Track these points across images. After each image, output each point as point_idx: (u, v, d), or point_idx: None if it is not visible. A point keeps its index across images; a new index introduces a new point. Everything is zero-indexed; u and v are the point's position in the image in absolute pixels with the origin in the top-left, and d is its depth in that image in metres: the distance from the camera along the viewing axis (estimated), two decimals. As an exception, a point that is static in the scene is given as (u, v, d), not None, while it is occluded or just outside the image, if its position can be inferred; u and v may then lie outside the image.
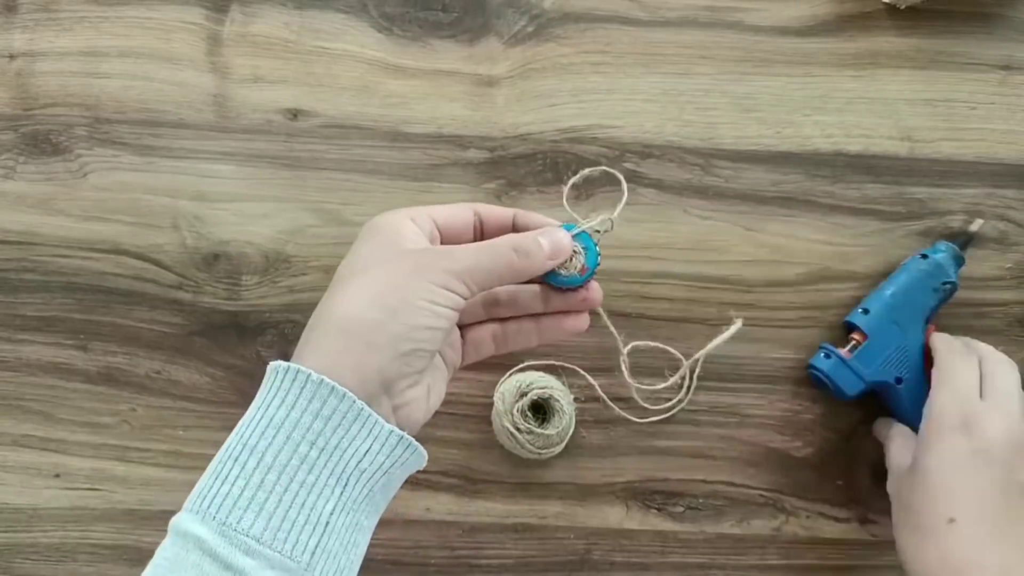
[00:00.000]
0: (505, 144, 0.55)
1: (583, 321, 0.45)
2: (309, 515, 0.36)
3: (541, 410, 0.52)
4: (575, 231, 0.43)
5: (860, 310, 0.52)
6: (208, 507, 0.35)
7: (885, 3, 0.55)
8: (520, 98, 0.55)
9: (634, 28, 0.55)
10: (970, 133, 0.55)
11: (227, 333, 0.54)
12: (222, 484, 0.36)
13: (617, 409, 0.53)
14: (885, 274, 0.54)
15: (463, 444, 0.54)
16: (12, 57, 0.55)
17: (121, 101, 0.55)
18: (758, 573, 0.53)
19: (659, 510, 0.54)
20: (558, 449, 0.52)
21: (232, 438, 0.37)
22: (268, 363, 0.39)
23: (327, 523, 0.36)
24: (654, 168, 0.54)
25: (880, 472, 0.53)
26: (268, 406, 0.37)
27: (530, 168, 0.55)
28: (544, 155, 0.55)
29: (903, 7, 0.55)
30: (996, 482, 0.45)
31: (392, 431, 0.38)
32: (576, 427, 0.53)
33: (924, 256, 0.52)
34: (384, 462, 0.38)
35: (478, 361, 0.46)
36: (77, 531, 0.53)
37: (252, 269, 0.54)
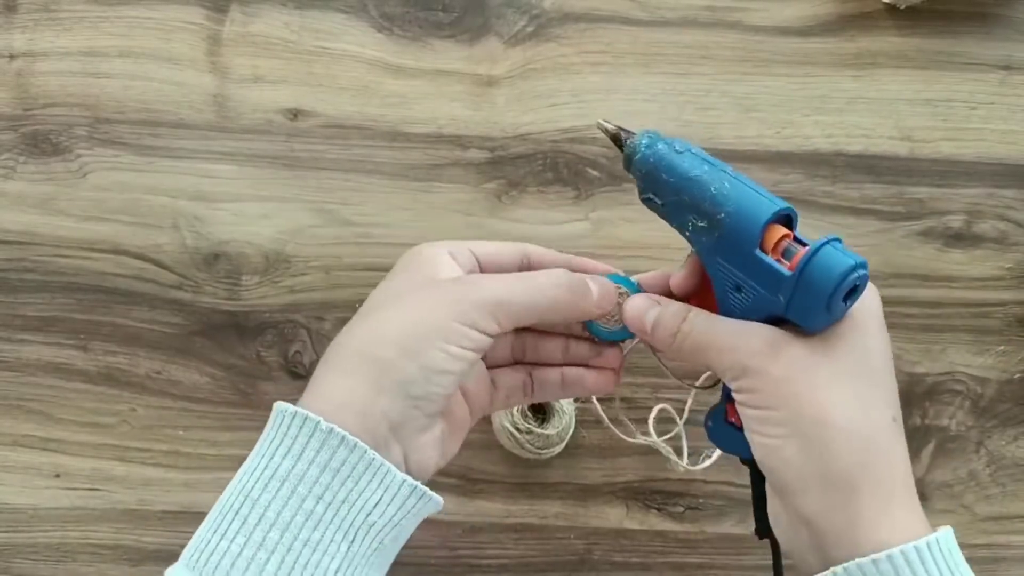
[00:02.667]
0: (505, 144, 0.55)
1: (610, 382, 0.43)
2: None
3: (541, 410, 0.52)
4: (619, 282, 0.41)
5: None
6: (205, 564, 0.34)
7: (885, 3, 0.55)
8: (520, 98, 0.55)
9: (634, 28, 0.55)
10: (970, 133, 0.55)
11: (227, 333, 0.54)
12: (220, 539, 0.34)
13: (615, 430, 0.53)
14: (885, 274, 0.54)
15: (463, 444, 0.54)
16: (12, 57, 0.55)
17: (121, 101, 0.55)
18: (758, 573, 0.53)
19: (659, 510, 0.54)
20: (558, 449, 0.52)
21: (234, 485, 0.35)
22: (274, 398, 0.37)
23: None
24: (654, 168, 0.54)
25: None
26: (273, 454, 0.35)
27: (530, 168, 0.55)
28: (544, 155, 0.55)
29: (903, 7, 0.55)
30: None
31: (404, 480, 0.35)
32: (576, 427, 0.53)
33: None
34: (395, 514, 0.36)
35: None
36: (77, 531, 0.53)
37: (252, 269, 0.54)
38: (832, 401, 0.35)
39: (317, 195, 0.54)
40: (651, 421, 0.51)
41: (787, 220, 0.37)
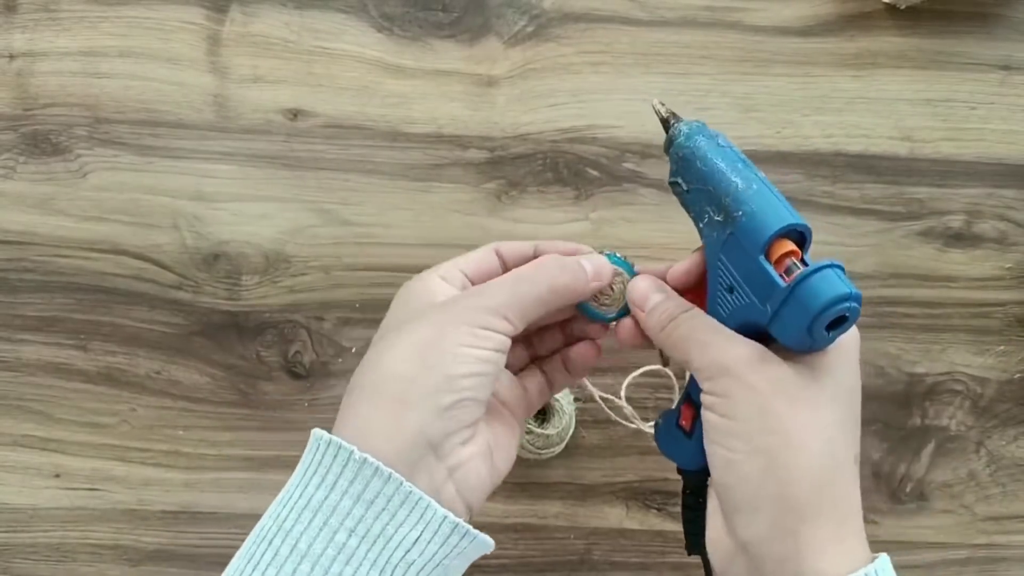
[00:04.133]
0: (505, 144, 0.55)
1: (592, 353, 0.42)
2: None
3: (541, 410, 0.52)
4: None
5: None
6: None
7: (885, 3, 0.55)
8: (520, 98, 0.55)
9: (634, 28, 0.55)
10: (970, 133, 0.55)
11: (227, 333, 0.54)
12: (253, 570, 0.33)
13: (613, 416, 0.53)
14: (885, 274, 0.54)
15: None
16: (12, 57, 0.55)
17: (121, 101, 0.55)
18: (758, 573, 0.53)
19: (659, 510, 0.54)
20: (558, 449, 0.52)
21: (270, 512, 0.35)
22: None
23: None
24: (654, 168, 0.54)
25: (880, 472, 0.53)
26: (308, 483, 0.34)
27: (530, 168, 0.55)
28: (544, 155, 0.55)
29: (903, 7, 0.55)
30: None
31: (445, 517, 0.34)
32: (576, 427, 0.53)
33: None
34: (436, 552, 0.34)
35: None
36: (77, 531, 0.53)
37: (252, 269, 0.54)
38: (804, 425, 0.34)
39: (317, 195, 0.54)
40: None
41: (800, 238, 0.37)
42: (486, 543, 0.36)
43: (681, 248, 0.54)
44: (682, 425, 0.40)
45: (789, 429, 0.34)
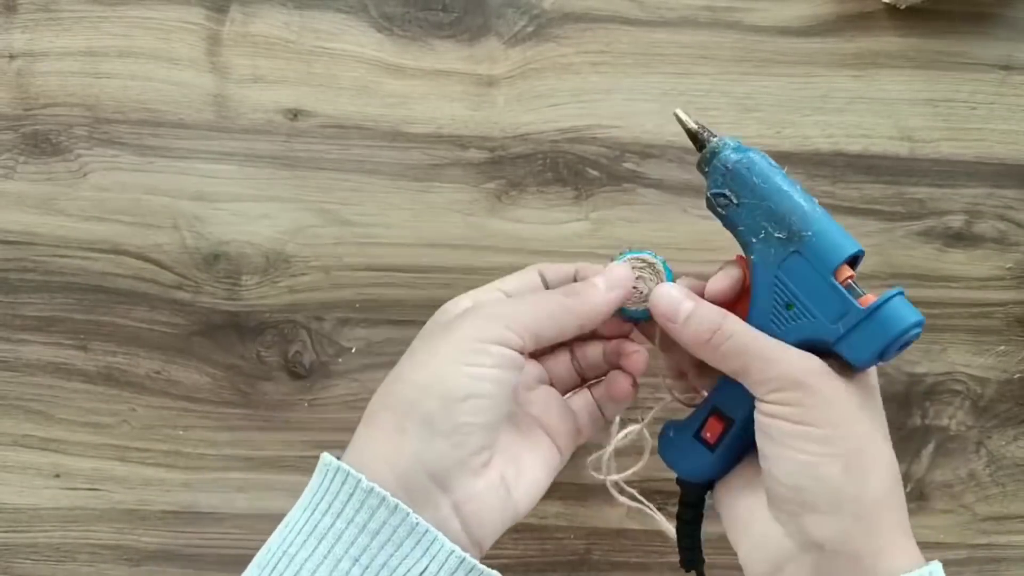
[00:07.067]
0: (505, 144, 0.55)
1: (636, 353, 0.41)
2: None
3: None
4: (631, 256, 0.41)
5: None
6: None
7: (885, 3, 0.55)
8: (520, 98, 0.55)
9: (634, 28, 0.55)
10: (970, 133, 0.55)
11: (227, 333, 0.54)
12: None
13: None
14: (885, 274, 0.54)
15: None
16: (12, 57, 0.55)
17: (121, 101, 0.55)
18: (758, 573, 0.53)
19: (659, 510, 0.53)
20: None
21: (275, 537, 0.34)
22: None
23: None
24: (654, 168, 0.55)
25: (880, 472, 0.53)
26: (315, 509, 0.33)
27: (530, 168, 0.55)
28: (544, 155, 0.55)
29: (903, 7, 0.55)
30: None
31: (452, 552, 0.32)
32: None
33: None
34: None
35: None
36: (77, 531, 0.53)
37: (252, 269, 0.54)
38: (872, 434, 0.36)
39: (317, 195, 0.54)
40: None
41: (854, 262, 0.38)
42: None
43: (681, 248, 0.54)
44: (705, 437, 0.40)
45: (862, 435, 0.36)
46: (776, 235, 0.38)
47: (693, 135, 0.41)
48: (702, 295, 0.40)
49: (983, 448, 0.54)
